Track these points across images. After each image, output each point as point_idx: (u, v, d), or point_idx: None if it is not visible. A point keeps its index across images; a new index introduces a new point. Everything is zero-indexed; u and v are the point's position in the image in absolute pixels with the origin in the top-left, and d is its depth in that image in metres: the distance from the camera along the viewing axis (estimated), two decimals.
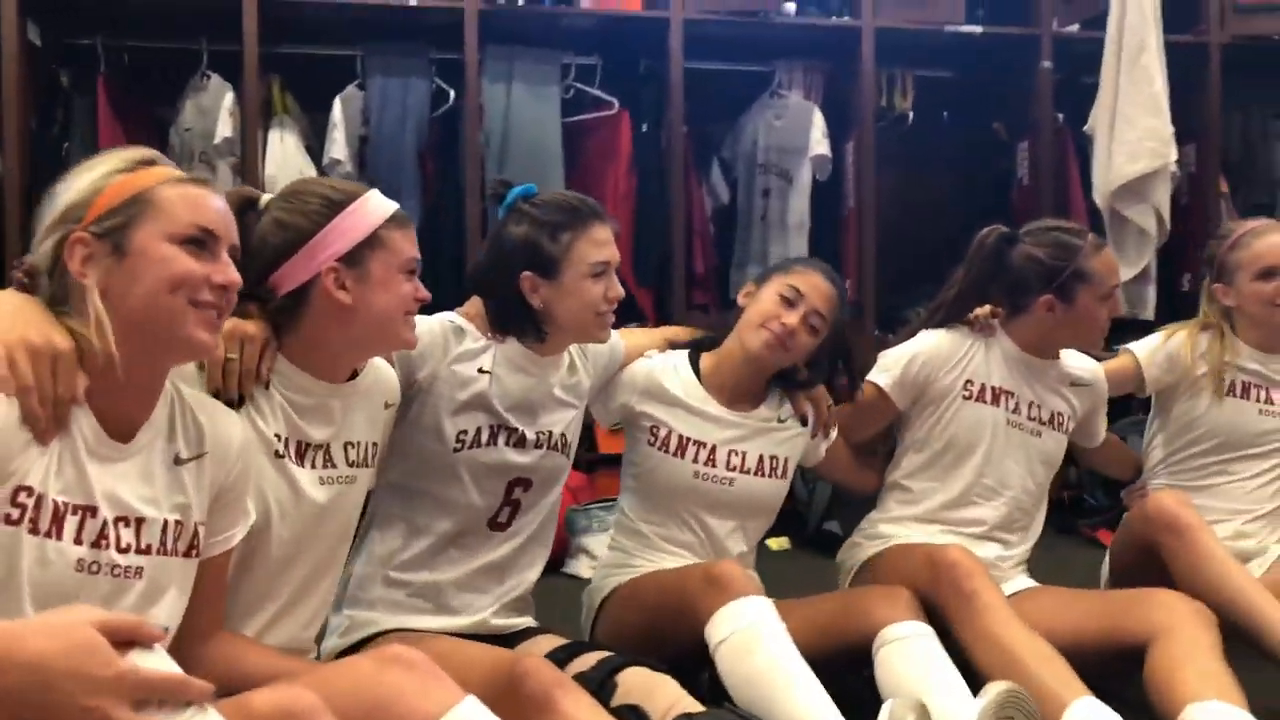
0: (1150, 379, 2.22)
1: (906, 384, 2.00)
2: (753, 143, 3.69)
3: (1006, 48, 3.68)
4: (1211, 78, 3.64)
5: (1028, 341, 2.00)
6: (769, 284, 1.86)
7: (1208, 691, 1.51)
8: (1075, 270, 1.92)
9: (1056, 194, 3.64)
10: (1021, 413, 2.00)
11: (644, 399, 1.87)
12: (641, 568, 1.85)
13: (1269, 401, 2.18)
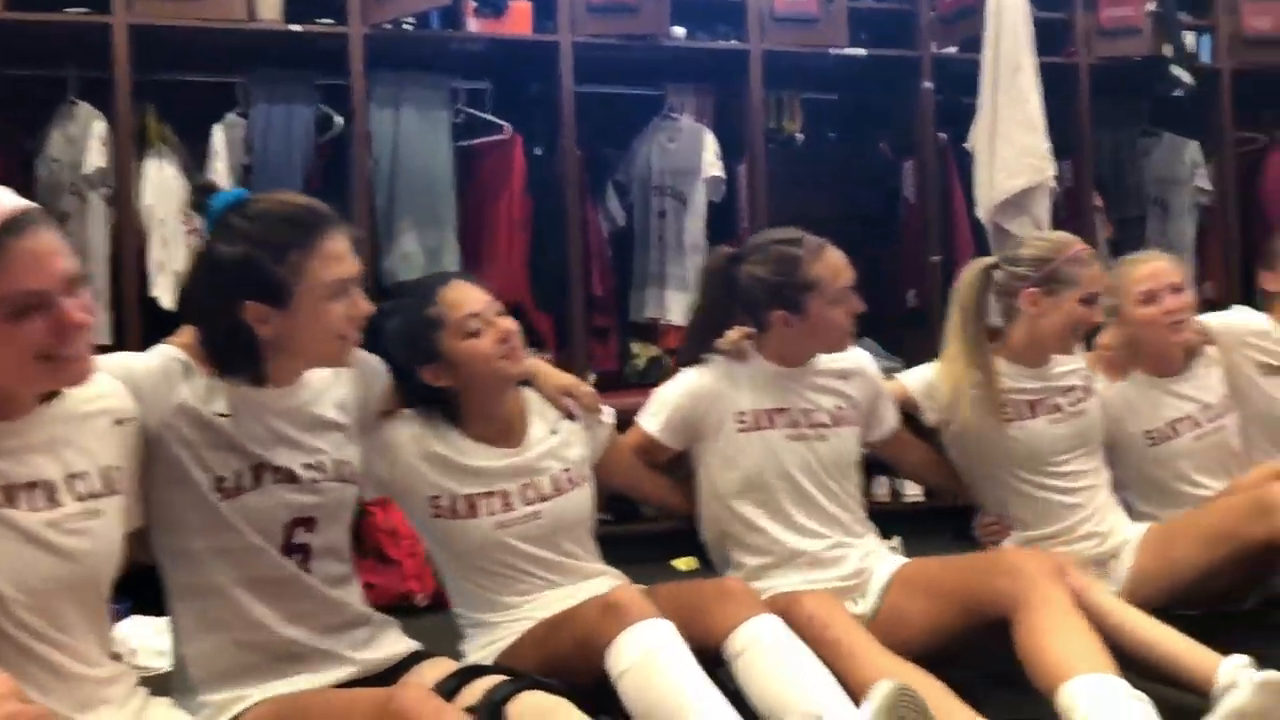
0: (924, 408, 2.23)
1: (675, 426, 1.97)
2: (647, 165, 3.70)
3: (889, 70, 3.79)
4: (1082, 97, 3.81)
5: (779, 356, 1.99)
6: (448, 338, 1.70)
7: (1083, 664, 1.53)
8: (797, 281, 1.92)
9: (941, 210, 3.74)
10: (801, 424, 1.97)
11: (414, 467, 1.71)
12: (512, 626, 1.72)
13: (1055, 410, 2.23)
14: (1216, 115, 3.99)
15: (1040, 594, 1.65)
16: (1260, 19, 3.95)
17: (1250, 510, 2.02)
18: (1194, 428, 2.38)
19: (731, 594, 1.68)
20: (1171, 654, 1.73)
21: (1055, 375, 2.27)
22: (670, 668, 1.50)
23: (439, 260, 3.32)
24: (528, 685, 1.40)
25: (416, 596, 2.80)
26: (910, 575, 1.93)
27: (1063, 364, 2.29)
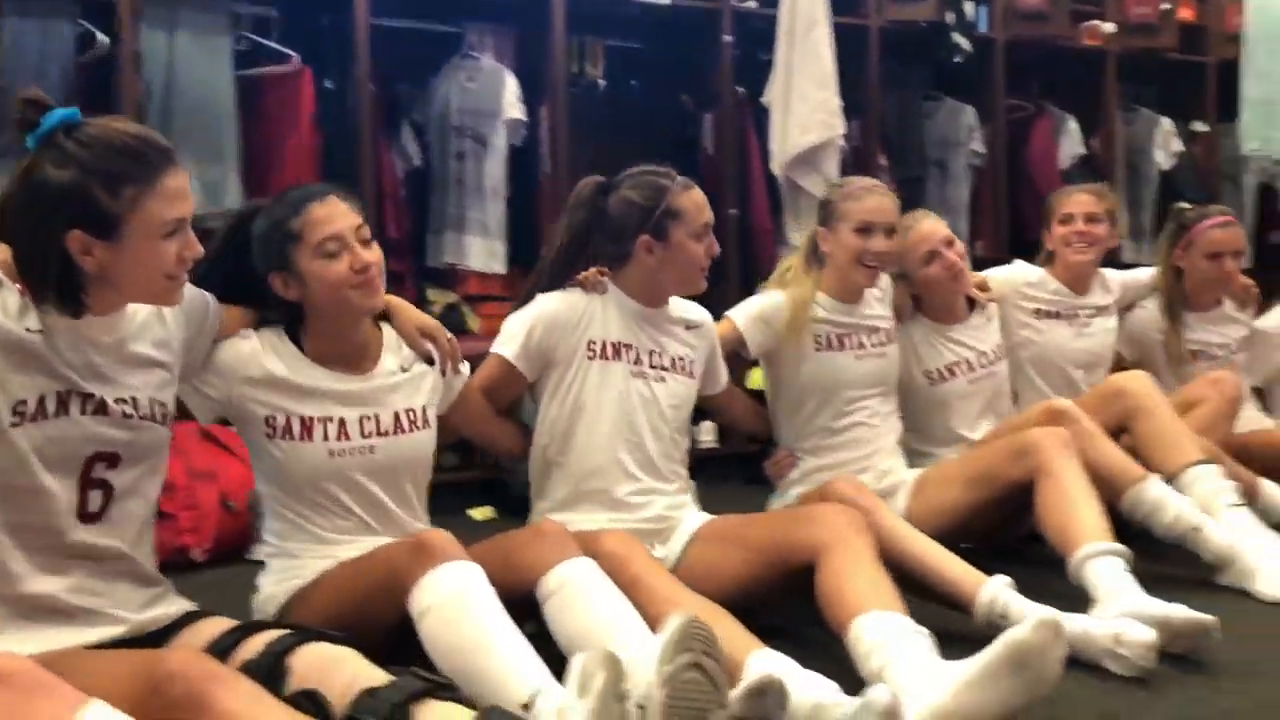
0: (751, 342, 2.35)
1: (531, 353, 2.01)
2: (445, 105, 3.59)
3: (692, 21, 3.81)
4: (871, 58, 3.96)
5: (637, 289, 2.04)
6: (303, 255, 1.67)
7: (872, 602, 1.62)
8: (666, 208, 1.99)
9: (739, 163, 3.82)
10: (643, 362, 2.04)
11: (248, 386, 1.68)
12: (315, 565, 1.69)
13: (860, 346, 2.39)
14: (991, 83, 4.23)
15: (844, 541, 1.72)
16: None
17: (1010, 453, 2.17)
18: (969, 371, 2.60)
19: (545, 536, 1.68)
20: (944, 573, 1.89)
21: (865, 315, 2.42)
22: (475, 609, 1.48)
23: (219, 197, 3.12)
24: (313, 637, 1.35)
25: (193, 551, 2.65)
26: (717, 527, 2.00)
27: (874, 307, 2.44)
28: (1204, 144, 4.76)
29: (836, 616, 1.65)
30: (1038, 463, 2.09)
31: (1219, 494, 2.26)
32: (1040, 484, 2.07)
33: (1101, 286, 2.91)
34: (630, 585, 1.65)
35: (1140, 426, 2.41)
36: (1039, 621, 1.45)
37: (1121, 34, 4.45)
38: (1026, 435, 2.17)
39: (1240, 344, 3.03)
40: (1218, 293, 3.00)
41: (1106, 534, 1.95)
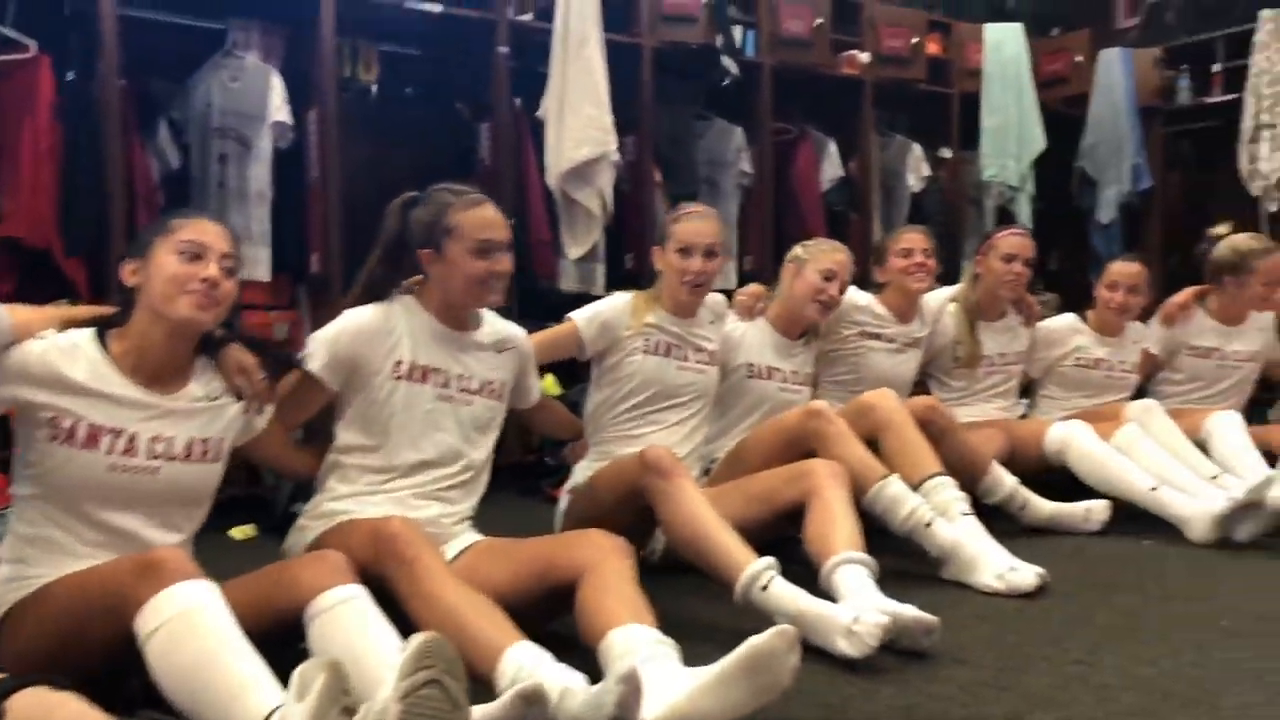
0: (588, 341, 2.54)
1: (336, 366, 2.01)
2: (206, 104, 3.43)
3: (467, 31, 3.79)
4: (644, 76, 4.06)
5: (435, 306, 2.08)
6: (162, 247, 1.72)
7: (626, 617, 1.68)
8: (443, 224, 2.02)
9: (516, 174, 3.83)
10: (451, 386, 2.08)
11: (39, 388, 1.64)
12: (44, 578, 1.63)
13: (684, 359, 2.61)
14: (758, 105, 4.44)
15: (607, 562, 1.80)
16: (794, 22, 4.45)
17: (788, 477, 2.34)
18: (782, 381, 2.86)
19: (322, 560, 1.67)
20: (720, 547, 2.01)
21: (695, 332, 2.64)
22: (205, 627, 1.44)
23: None
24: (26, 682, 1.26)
25: None
26: (488, 545, 2.04)
27: (705, 328, 2.66)
28: (950, 169, 5.16)
29: (591, 630, 1.71)
30: (811, 486, 2.26)
31: (953, 503, 2.49)
32: (810, 505, 2.23)
33: (920, 319, 3.23)
34: (409, 564, 1.71)
35: (886, 440, 2.62)
36: (777, 630, 1.54)
37: (876, 64, 4.77)
38: (804, 463, 2.35)
39: (1018, 357, 3.42)
40: (1007, 298, 3.34)
41: (861, 547, 2.10)
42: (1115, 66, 5.39)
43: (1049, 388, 3.53)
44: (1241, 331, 3.53)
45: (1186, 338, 3.55)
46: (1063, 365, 3.48)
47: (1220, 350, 3.54)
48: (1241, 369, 3.54)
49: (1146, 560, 2.54)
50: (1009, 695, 1.72)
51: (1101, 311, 3.46)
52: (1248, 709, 1.64)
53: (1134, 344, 3.53)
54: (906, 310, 3.19)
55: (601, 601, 1.73)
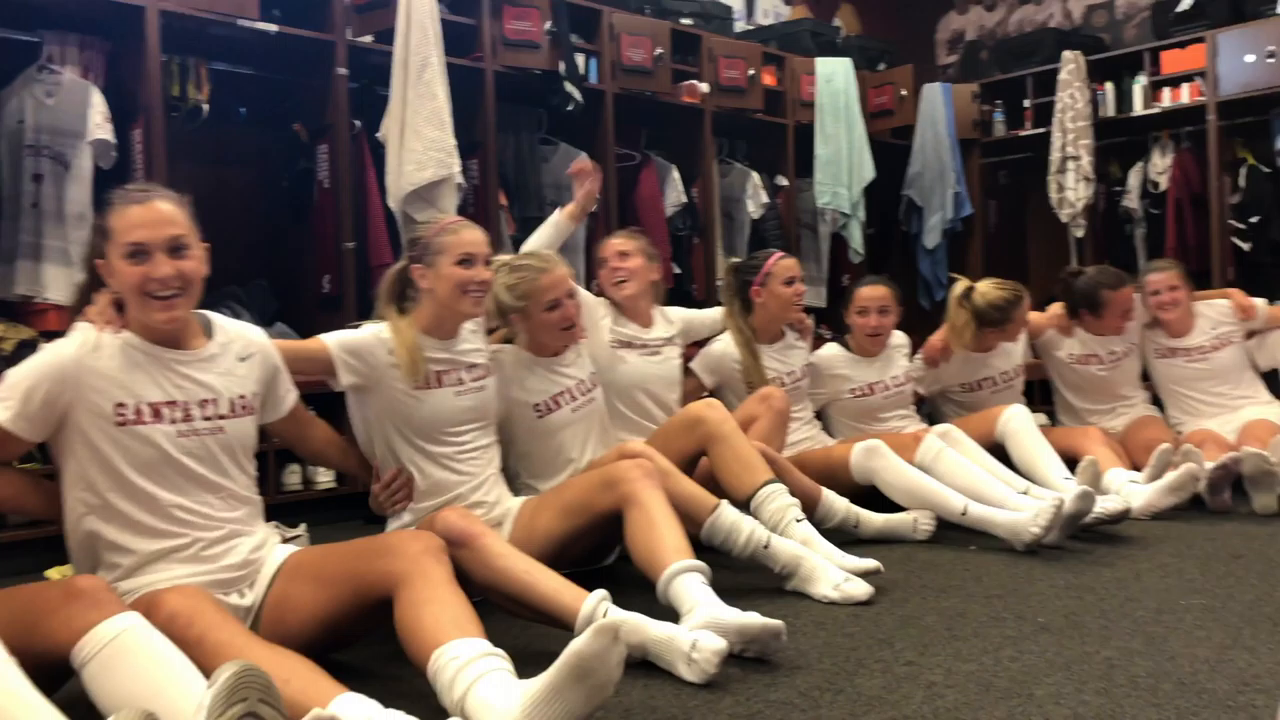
0: (340, 369, 2.32)
1: (33, 415, 1.78)
2: (19, 121, 3.24)
3: (304, 51, 3.71)
4: (487, 100, 4.07)
5: (140, 327, 1.85)
6: None
7: (452, 632, 1.63)
8: (100, 227, 1.84)
9: (356, 197, 3.77)
10: (194, 418, 1.87)
11: None
12: None
13: (459, 382, 2.45)
14: (601, 131, 4.50)
15: (421, 571, 1.73)
16: (635, 51, 4.55)
17: (600, 484, 2.32)
18: (571, 400, 2.74)
19: (80, 594, 1.54)
20: (546, 592, 1.97)
21: (462, 350, 2.48)
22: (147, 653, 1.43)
23: None
24: None
25: None
26: (299, 562, 1.93)
27: (470, 340, 2.51)
28: (786, 197, 5.35)
29: (415, 650, 1.66)
30: (625, 492, 2.24)
31: (787, 510, 2.55)
32: (628, 512, 2.22)
33: (664, 320, 3.25)
34: (196, 644, 1.57)
35: (717, 451, 2.67)
36: (596, 628, 1.53)
37: (716, 94, 4.91)
38: (614, 467, 2.32)
39: (803, 370, 3.50)
40: (786, 319, 3.45)
41: (689, 553, 2.13)
42: (937, 100, 5.72)
43: (839, 416, 3.65)
44: (1000, 351, 3.75)
45: (955, 378, 3.75)
46: (842, 400, 3.60)
47: (990, 378, 3.76)
48: (1012, 385, 3.79)
49: (970, 565, 2.68)
50: (844, 698, 1.79)
51: (859, 337, 3.60)
52: (1059, 697, 1.75)
53: (903, 355, 3.68)
54: (639, 315, 3.15)
55: (421, 617, 1.67)
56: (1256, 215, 5.24)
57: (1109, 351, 3.82)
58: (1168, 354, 3.84)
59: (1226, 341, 3.78)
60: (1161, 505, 3.10)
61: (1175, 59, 5.44)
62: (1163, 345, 3.85)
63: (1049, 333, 3.89)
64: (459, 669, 1.59)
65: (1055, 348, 3.89)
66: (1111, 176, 5.81)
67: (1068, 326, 3.86)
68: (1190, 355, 3.80)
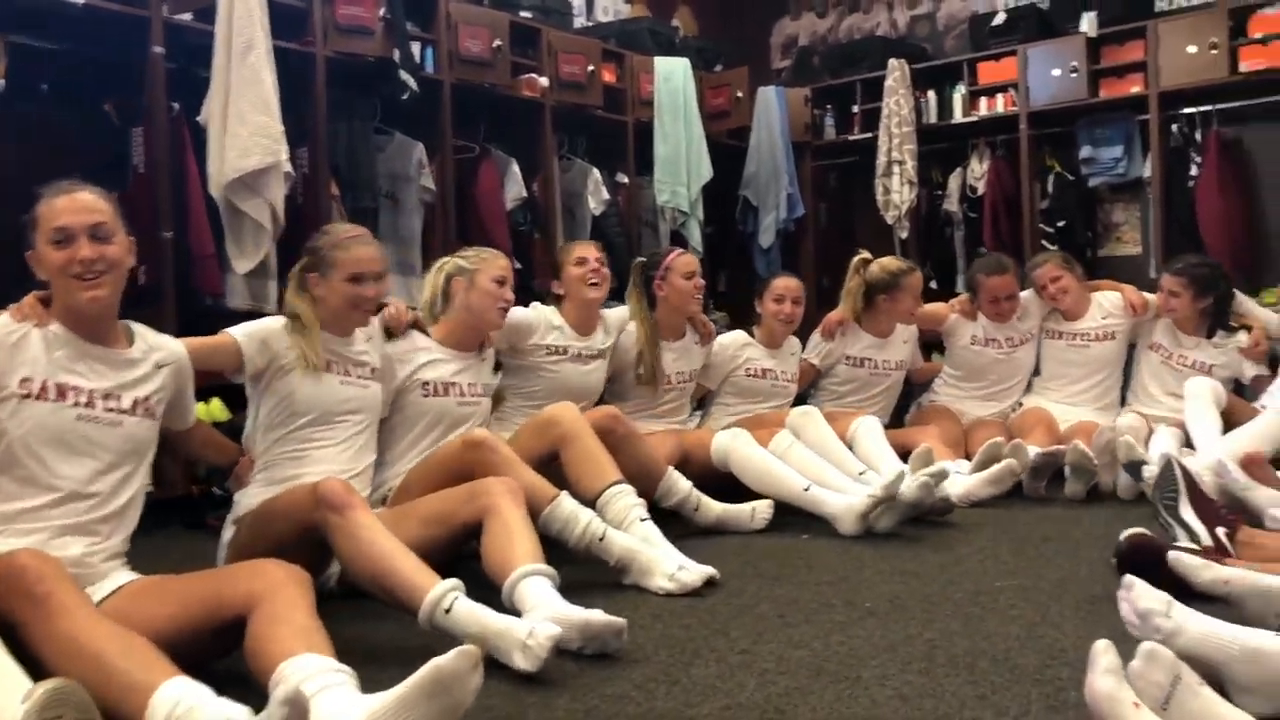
0: (248, 358, 2.42)
1: None
2: None
3: (116, 27, 3.48)
4: (318, 86, 3.92)
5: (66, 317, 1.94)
6: None
7: (299, 647, 1.60)
8: (31, 218, 1.93)
9: (174, 182, 3.56)
10: (96, 406, 1.93)
11: None
12: None
13: (346, 373, 2.54)
14: (439, 122, 4.41)
15: (276, 592, 1.71)
16: (473, 42, 4.47)
17: (464, 496, 2.32)
18: (459, 395, 2.85)
19: None
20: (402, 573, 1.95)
21: (355, 350, 2.58)
22: None
23: None
24: None
25: None
26: (144, 586, 1.89)
27: (362, 345, 2.60)
28: (626, 194, 5.38)
29: (261, 666, 1.61)
30: (487, 504, 2.25)
31: (631, 509, 2.58)
32: (488, 523, 2.22)
33: (604, 330, 3.37)
34: (41, 600, 1.56)
35: (568, 452, 2.69)
36: (460, 651, 1.52)
37: (556, 89, 4.89)
38: (480, 482, 2.34)
39: (693, 374, 3.63)
40: (686, 312, 3.55)
41: (540, 559, 2.12)
42: (771, 103, 5.87)
43: (724, 396, 3.80)
44: (890, 343, 3.98)
45: (845, 349, 3.95)
46: (735, 376, 3.77)
47: (873, 360, 3.97)
48: (890, 376, 4.00)
49: (804, 553, 2.75)
50: (679, 688, 1.80)
51: (769, 324, 3.78)
52: (884, 678, 1.82)
53: (792, 355, 3.88)
54: (587, 323, 3.29)
55: (272, 633, 1.65)
56: (1063, 220, 5.61)
57: (1007, 337, 4.04)
58: (1056, 335, 4.07)
59: (1109, 335, 3.99)
60: (980, 495, 3.27)
61: (991, 70, 5.76)
62: (1054, 327, 4.08)
63: (952, 318, 4.10)
64: (301, 680, 1.54)
65: (960, 332, 4.09)
66: (933, 181, 6.10)
67: (971, 311, 4.08)
68: (1074, 340, 4.02)
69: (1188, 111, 5.25)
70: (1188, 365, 3.84)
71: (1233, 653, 1.58)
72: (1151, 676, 1.42)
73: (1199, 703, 1.40)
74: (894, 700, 1.72)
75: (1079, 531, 2.90)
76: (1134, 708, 1.37)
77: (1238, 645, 1.58)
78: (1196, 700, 1.40)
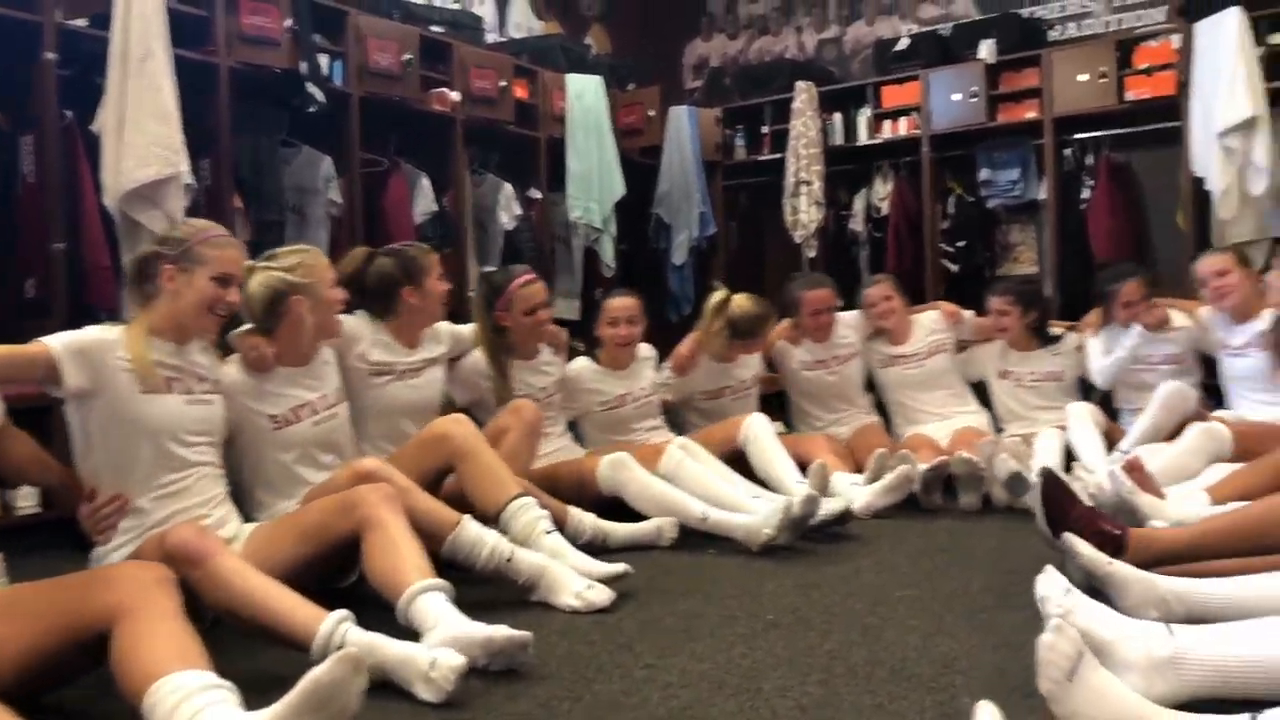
0: (67, 373, 2.16)
1: None
2: None
3: (6, 31, 3.36)
4: (221, 97, 3.84)
5: None
6: None
7: (173, 663, 1.53)
8: None
9: (67, 194, 3.44)
10: None
11: None
12: None
13: (189, 391, 2.35)
14: (347, 135, 4.36)
15: (146, 602, 1.62)
16: (382, 55, 4.43)
17: (338, 508, 2.23)
18: (313, 414, 2.65)
19: None
20: (283, 611, 1.89)
21: (193, 361, 2.38)
22: None
23: None
24: None
25: None
26: None
27: (197, 354, 2.41)
28: (539, 209, 5.38)
29: (133, 683, 1.54)
30: (364, 516, 2.17)
31: (537, 522, 2.56)
32: (367, 535, 2.15)
33: (433, 339, 3.16)
34: None
35: (465, 468, 2.63)
36: (338, 657, 1.49)
37: (467, 104, 4.87)
38: (353, 492, 2.25)
39: (556, 385, 3.51)
40: (538, 340, 3.44)
41: (431, 572, 2.08)
42: (683, 122, 5.94)
43: (591, 430, 3.70)
44: (744, 362, 3.96)
45: (699, 385, 3.90)
46: (593, 413, 3.66)
47: (730, 386, 3.94)
48: (750, 391, 3.99)
49: (708, 568, 2.78)
50: (582, 705, 1.80)
51: (610, 349, 3.67)
52: (784, 690, 1.85)
53: (646, 360, 3.77)
54: (412, 335, 3.07)
55: (141, 649, 1.57)
56: (963, 240, 5.78)
57: (833, 355, 4.10)
58: (889, 362, 4.15)
59: (939, 349, 4.13)
60: (880, 504, 3.34)
61: (894, 94, 5.93)
62: (885, 354, 4.16)
63: (779, 344, 4.13)
64: (178, 701, 1.49)
65: (787, 357, 4.13)
66: (840, 201, 6.23)
67: (794, 336, 4.12)
68: (908, 361, 4.12)
69: (1080, 137, 5.47)
70: (1039, 379, 4.02)
71: (1117, 634, 1.68)
72: (1060, 648, 1.48)
73: (1099, 678, 1.47)
74: (793, 711, 1.75)
75: (972, 542, 2.99)
76: None
77: (1122, 629, 1.69)
78: (1097, 675, 1.47)
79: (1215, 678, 1.60)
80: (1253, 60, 4.49)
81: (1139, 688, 1.58)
